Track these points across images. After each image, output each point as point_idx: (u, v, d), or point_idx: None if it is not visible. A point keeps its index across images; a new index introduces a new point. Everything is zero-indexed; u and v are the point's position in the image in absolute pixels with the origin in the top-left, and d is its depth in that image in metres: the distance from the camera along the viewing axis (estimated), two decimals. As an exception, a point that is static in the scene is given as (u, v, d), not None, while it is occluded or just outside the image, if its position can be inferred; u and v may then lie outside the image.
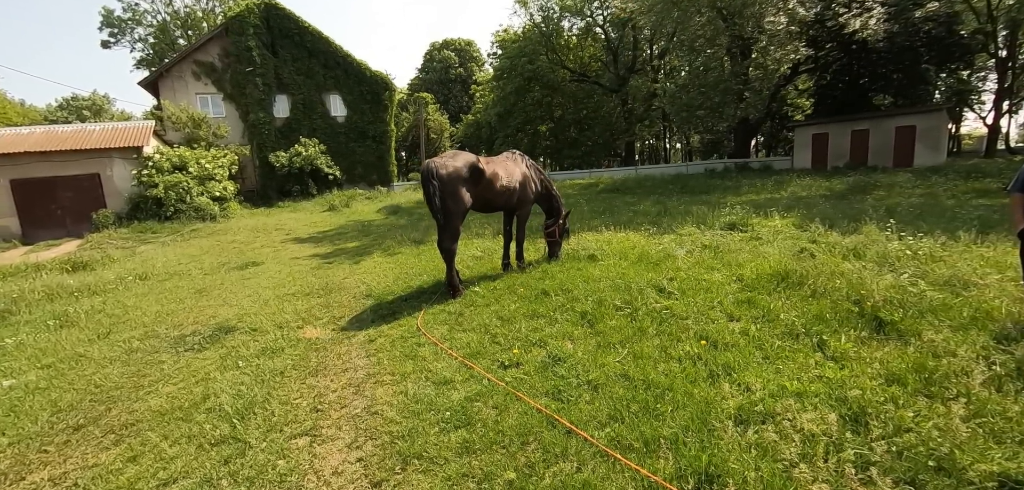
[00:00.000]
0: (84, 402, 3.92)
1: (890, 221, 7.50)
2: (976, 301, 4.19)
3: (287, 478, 2.74)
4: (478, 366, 3.82)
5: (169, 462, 2.95)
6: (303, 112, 25.81)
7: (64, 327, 5.96)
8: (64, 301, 7.12)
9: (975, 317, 3.87)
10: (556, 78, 33.99)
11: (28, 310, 6.68)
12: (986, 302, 4.13)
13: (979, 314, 3.90)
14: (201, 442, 3.13)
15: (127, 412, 3.68)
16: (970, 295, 4.40)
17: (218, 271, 9.23)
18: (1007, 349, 3.28)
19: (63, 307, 6.67)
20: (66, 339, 5.49)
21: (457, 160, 5.69)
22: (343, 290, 6.90)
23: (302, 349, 4.62)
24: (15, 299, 7.06)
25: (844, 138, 22.35)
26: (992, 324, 3.67)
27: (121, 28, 36.07)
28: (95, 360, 4.84)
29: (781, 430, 2.62)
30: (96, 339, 5.46)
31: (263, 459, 2.91)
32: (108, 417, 3.64)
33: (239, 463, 2.88)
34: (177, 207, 16.69)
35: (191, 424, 3.36)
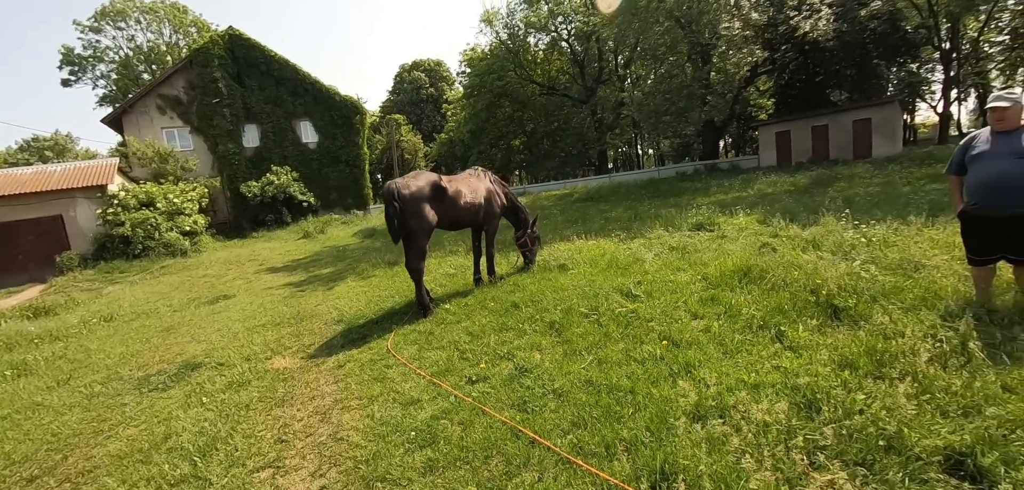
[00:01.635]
0: (39, 452, 3.79)
1: (846, 211, 7.81)
2: (925, 282, 4.37)
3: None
4: (446, 383, 3.83)
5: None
6: (274, 140, 25.55)
7: (22, 376, 5.76)
8: (23, 349, 6.87)
9: (924, 297, 4.03)
10: (525, 93, 34.43)
11: (-20, 362, 6.41)
12: (934, 282, 4.32)
13: (928, 294, 4.06)
14: (160, 483, 3.06)
15: (85, 459, 3.58)
16: (919, 277, 4.61)
17: (188, 307, 9.03)
18: (952, 326, 3.42)
19: (21, 356, 6.44)
20: (24, 388, 5.30)
21: (419, 180, 5.73)
22: (315, 317, 6.82)
23: (269, 380, 4.56)
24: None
25: (805, 134, 23.15)
26: (940, 303, 3.84)
27: (82, 66, 35.21)
28: (53, 408, 4.68)
29: (734, 423, 2.71)
30: (55, 386, 5.28)
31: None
32: (65, 466, 3.52)
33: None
34: (145, 244, 16.26)
35: (151, 466, 3.28)
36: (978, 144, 3.58)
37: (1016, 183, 3.32)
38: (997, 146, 3.45)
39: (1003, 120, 3.42)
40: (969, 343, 3.12)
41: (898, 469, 2.21)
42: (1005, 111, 3.40)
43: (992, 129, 3.54)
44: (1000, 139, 3.46)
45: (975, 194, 3.57)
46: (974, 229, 3.66)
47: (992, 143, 3.49)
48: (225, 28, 24.54)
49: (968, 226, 3.72)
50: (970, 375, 2.83)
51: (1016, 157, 3.33)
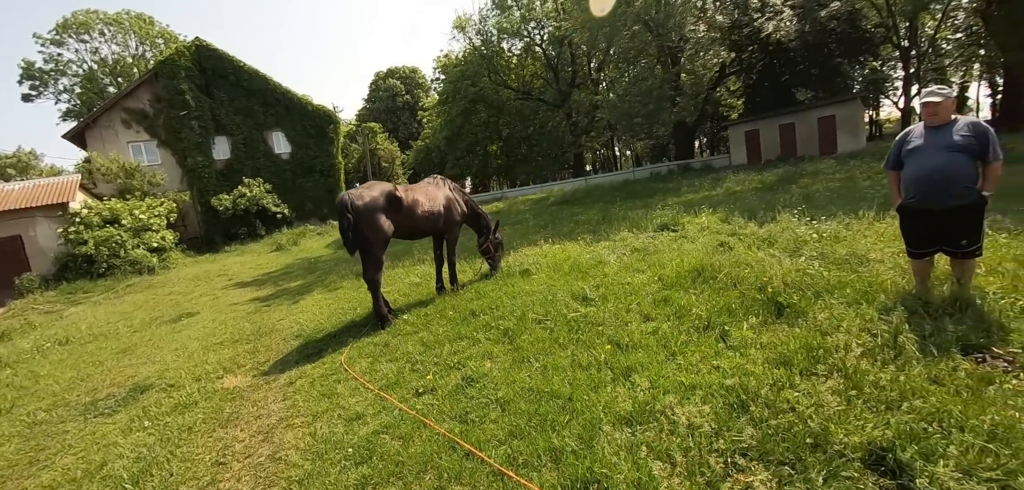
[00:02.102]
0: None
1: (802, 208, 8.01)
2: (867, 276, 4.48)
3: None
4: (393, 397, 3.81)
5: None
6: (245, 152, 25.11)
7: (-39, 407, 5.52)
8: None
9: (865, 292, 4.09)
10: (500, 98, 34.51)
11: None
12: (877, 276, 4.43)
13: (870, 288, 4.12)
14: None
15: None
16: (862, 271, 4.73)
17: (148, 327, 8.80)
18: (887, 320, 3.52)
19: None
20: (-42, 421, 5.08)
21: (373, 190, 5.70)
22: (275, 333, 6.72)
23: (217, 401, 4.47)
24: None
25: (773, 133, 23.70)
26: (879, 297, 3.92)
27: (43, 80, 34.08)
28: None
29: (664, 426, 2.74)
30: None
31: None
32: None
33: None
34: (110, 263, 15.80)
35: None
36: (912, 139, 3.65)
37: (949, 176, 3.38)
38: (930, 140, 3.51)
39: (936, 114, 3.50)
40: (900, 336, 3.21)
41: (821, 467, 2.24)
42: (937, 106, 3.48)
43: (926, 124, 3.61)
44: (933, 134, 3.52)
45: (911, 188, 3.63)
46: (911, 222, 3.74)
47: (925, 137, 3.55)
48: (192, 39, 24.06)
49: (906, 219, 3.79)
50: (898, 369, 2.90)
51: (948, 150, 3.40)
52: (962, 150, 3.36)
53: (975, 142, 3.36)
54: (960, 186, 3.37)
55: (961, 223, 3.45)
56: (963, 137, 3.38)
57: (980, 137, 3.36)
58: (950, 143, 3.40)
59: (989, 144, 3.34)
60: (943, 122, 3.50)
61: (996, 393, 2.55)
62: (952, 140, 3.40)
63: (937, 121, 3.52)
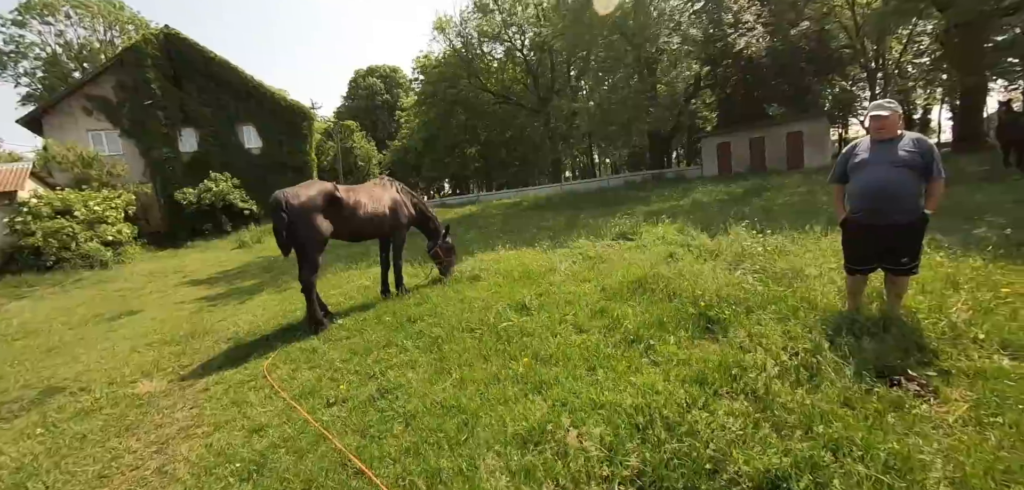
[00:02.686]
0: None
1: (756, 220, 8.08)
2: (802, 292, 4.47)
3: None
4: (302, 407, 3.64)
5: None
6: (214, 145, 24.44)
7: None
8: None
9: (797, 308, 4.06)
10: (480, 101, 34.41)
11: None
12: (812, 292, 4.42)
13: (803, 305, 4.10)
14: None
15: None
16: (797, 286, 4.71)
17: (85, 324, 8.41)
18: (811, 338, 3.47)
19: None
20: None
21: (311, 189, 5.52)
22: (210, 334, 6.46)
23: (123, 407, 4.23)
24: None
25: (744, 146, 24.12)
26: (812, 314, 3.88)
27: (2, 62, 32.66)
28: None
29: (556, 449, 2.62)
30: None
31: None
32: None
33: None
34: (60, 255, 15.14)
35: None
36: (859, 153, 3.59)
37: (894, 191, 3.34)
38: (876, 154, 3.45)
39: (883, 128, 3.45)
40: (819, 355, 3.18)
41: (712, 496, 2.17)
42: (884, 120, 3.44)
43: (872, 138, 3.57)
44: (880, 148, 3.46)
45: (857, 202, 3.58)
46: (854, 237, 3.68)
47: (872, 151, 3.49)
48: (161, 26, 23.36)
49: (849, 234, 3.74)
50: (811, 390, 2.85)
51: (894, 165, 3.35)
52: (908, 166, 3.33)
53: (920, 159, 3.32)
54: (906, 202, 3.35)
55: (903, 240, 3.42)
56: (909, 153, 3.35)
57: (925, 154, 3.33)
58: (896, 158, 3.35)
59: (933, 161, 3.31)
60: (890, 136, 3.45)
61: (902, 419, 2.52)
62: (898, 155, 3.36)
63: (884, 135, 3.47)
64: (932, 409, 2.62)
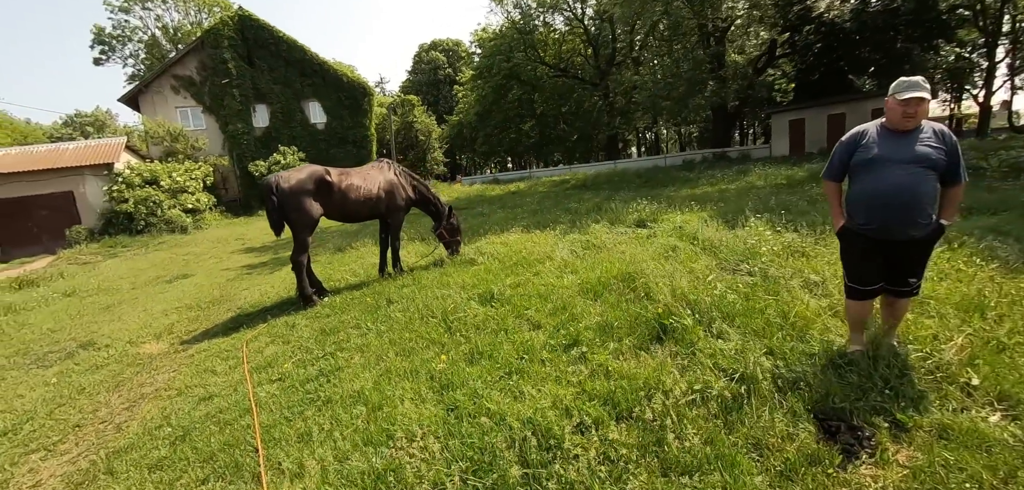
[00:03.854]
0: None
1: (783, 213, 7.38)
2: (785, 306, 4.01)
3: (-12, 494, 2.91)
4: (252, 381, 3.94)
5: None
6: (282, 121, 26.30)
7: (-51, 347, 6.27)
8: (-29, 321, 7.46)
9: (769, 325, 3.63)
10: (536, 75, 33.85)
11: (-70, 331, 7.03)
12: (801, 308, 3.91)
13: (784, 322, 3.63)
14: None
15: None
16: (784, 297, 4.24)
17: (146, 285, 9.56)
18: (757, 362, 3.12)
19: (-39, 327, 7.01)
20: (-62, 359, 5.78)
21: (301, 173, 5.81)
22: (228, 302, 7.10)
23: (125, 365, 4.82)
24: (-73, 320, 7.42)
25: (820, 123, 21.82)
26: (786, 334, 3.43)
27: (111, 45, 37.20)
28: (-52, 379, 5.09)
29: (412, 465, 2.52)
30: (-34, 359, 5.73)
31: (-15, 476, 3.08)
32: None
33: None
34: (148, 221, 17.20)
35: None
36: (868, 144, 2.83)
37: (914, 199, 2.67)
38: (892, 149, 2.73)
39: (914, 117, 2.70)
40: (753, 384, 2.85)
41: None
42: (919, 105, 2.66)
43: (885, 127, 2.84)
44: (896, 142, 2.74)
45: (865, 210, 2.84)
46: (859, 253, 2.96)
47: (885, 145, 2.76)
48: (236, 8, 25.23)
49: (851, 248, 3.01)
50: (725, 426, 2.55)
51: (916, 165, 2.66)
52: (931, 166, 2.66)
53: (945, 158, 2.68)
54: (925, 213, 2.70)
55: (914, 257, 2.83)
56: (933, 149, 2.67)
57: (950, 151, 2.69)
58: (917, 155, 2.67)
59: (959, 161, 2.70)
60: (913, 127, 2.75)
61: (815, 478, 2.18)
62: (920, 152, 2.67)
63: (910, 124, 2.73)
64: (858, 471, 2.23)
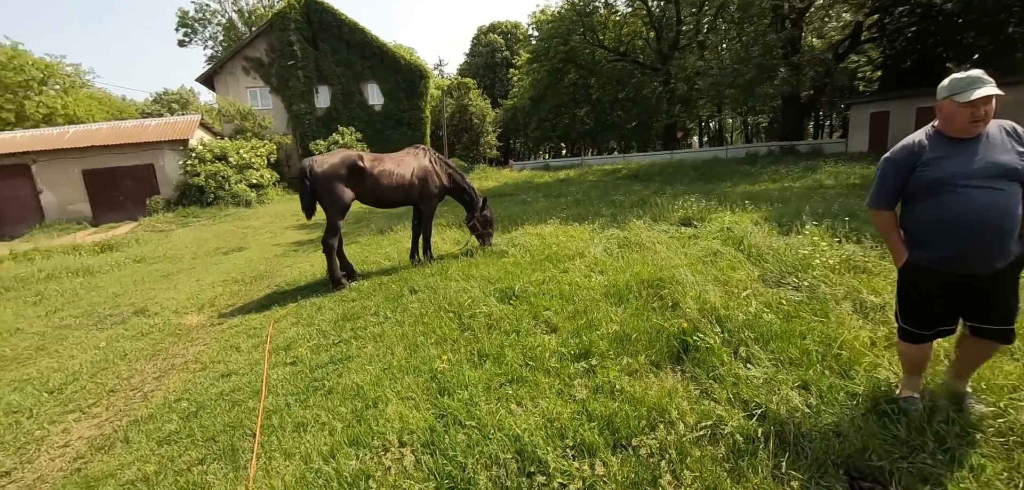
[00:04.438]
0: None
1: (848, 219, 6.64)
2: (832, 331, 3.44)
3: (26, 446, 3.17)
4: (268, 362, 4.04)
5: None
6: (342, 102, 27.27)
7: (34, 304, 7.00)
8: (55, 281, 8.29)
9: (808, 353, 3.17)
10: (593, 58, 32.83)
11: (21, 287, 7.88)
12: (845, 334, 3.35)
13: (824, 350, 3.19)
14: (6, 406, 3.73)
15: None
16: (829, 322, 3.72)
17: (205, 256, 10.23)
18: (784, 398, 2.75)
19: (44, 287, 7.80)
20: (22, 315, 6.47)
21: (334, 158, 5.89)
22: (269, 278, 7.42)
23: (166, 334, 5.13)
24: (21, 278, 8.34)
25: (908, 117, 19.57)
26: (824, 367, 3.01)
27: (193, 28, 40.12)
28: (26, 332, 5.72)
29: (383, 477, 2.40)
30: (43, 315, 6.39)
31: (26, 429, 3.37)
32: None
33: (15, 432, 3.37)
34: (217, 194, 18.47)
35: (7, 393, 3.93)
36: (931, 161, 2.25)
37: (1002, 225, 2.15)
38: (963, 164, 2.18)
39: (984, 118, 2.19)
40: (776, 424, 2.50)
41: None
42: (990, 103, 2.17)
43: (942, 135, 2.30)
44: (964, 152, 2.20)
45: (937, 242, 2.28)
46: (924, 291, 2.40)
47: (953, 160, 2.21)
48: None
49: (917, 286, 2.42)
50: (731, 470, 2.24)
51: (1001, 181, 2.14)
52: (1017, 178, 2.15)
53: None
54: (1015, 237, 2.20)
55: (1003, 291, 2.29)
56: (1018, 155, 2.16)
57: None
58: (1001, 167, 2.14)
59: None
60: (981, 132, 2.22)
61: None
62: (1002, 163, 2.14)
63: (980, 129, 2.21)
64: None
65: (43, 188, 17.72)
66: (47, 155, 17.53)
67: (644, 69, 32.48)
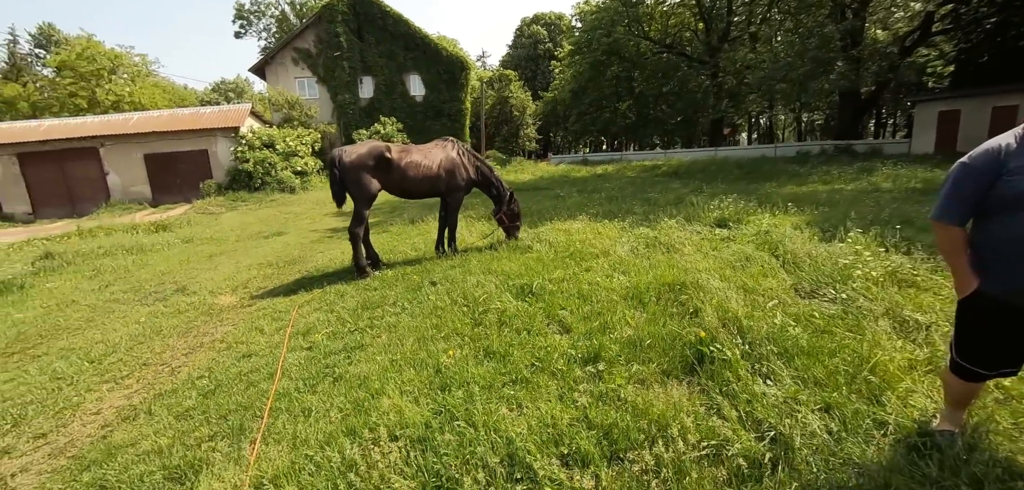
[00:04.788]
0: (36, 334, 5.09)
1: (899, 227, 6.13)
2: (865, 351, 3.15)
3: (63, 411, 3.41)
4: (286, 345, 4.17)
5: (8, 381, 3.83)
6: (385, 93, 27.86)
7: (90, 278, 7.55)
8: (111, 258, 8.92)
9: (835, 373, 2.93)
10: (638, 50, 31.94)
11: (81, 261, 8.52)
12: (880, 354, 3.06)
13: (853, 371, 2.93)
14: (50, 373, 3.99)
15: (47, 342, 4.74)
16: (864, 340, 3.43)
17: (247, 239, 10.73)
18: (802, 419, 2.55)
19: (101, 262, 8.40)
20: (79, 287, 6.99)
21: (362, 149, 6.00)
22: (301, 263, 7.68)
23: (200, 313, 5.40)
24: (83, 253, 9.02)
25: (982, 116, 17.94)
26: (849, 388, 2.79)
27: (248, 20, 42.09)
28: (79, 304, 6.17)
29: (367, 473, 2.37)
30: (97, 289, 6.88)
31: (65, 396, 3.63)
32: (36, 346, 4.74)
33: (57, 397, 3.63)
34: (264, 179, 19.34)
35: (55, 361, 4.25)
36: (1017, 167, 1.89)
37: None
38: None
39: None
40: (790, 452, 2.32)
41: None
42: None
43: None
44: None
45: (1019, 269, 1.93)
46: (998, 326, 2.04)
47: None
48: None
49: (983, 319, 2.08)
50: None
51: None
52: None
53: None
54: None
55: None
56: None
57: None
58: None
59: None
60: None
61: None
62: None
63: None
64: None
65: (109, 170, 19.14)
66: (113, 140, 18.91)
67: (691, 62, 31.36)
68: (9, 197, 18.99)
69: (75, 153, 18.78)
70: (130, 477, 2.58)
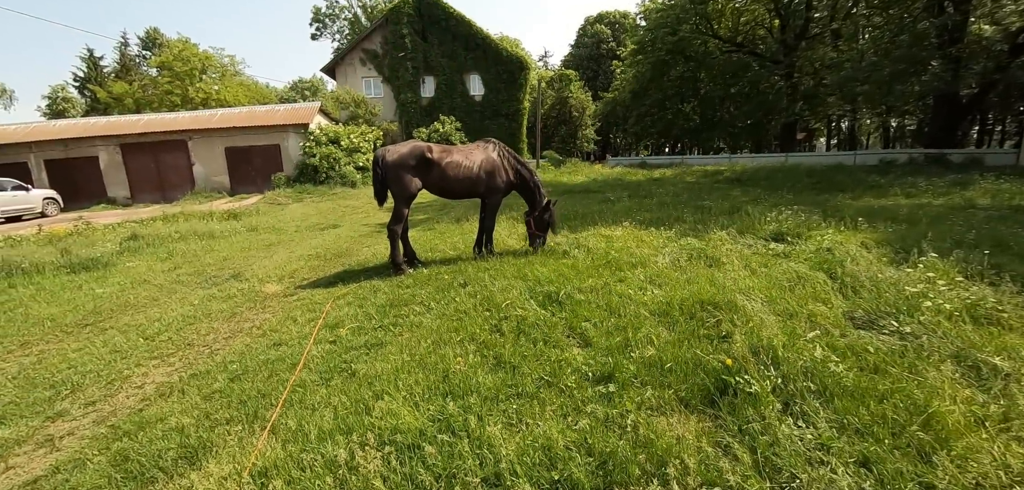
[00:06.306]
0: (109, 308, 5.66)
1: (986, 251, 5.36)
2: (924, 398, 2.73)
3: (113, 382, 3.76)
4: (313, 337, 4.34)
5: (77, 351, 4.26)
6: (445, 92, 28.54)
7: (163, 260, 8.30)
8: (185, 242, 9.75)
9: (882, 421, 2.59)
10: (705, 49, 30.41)
11: (159, 244, 9.39)
12: (940, 404, 2.66)
13: (905, 420, 2.58)
14: (112, 346, 4.43)
15: (116, 316, 5.27)
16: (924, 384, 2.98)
17: (305, 230, 11.36)
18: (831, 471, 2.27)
19: (174, 246, 9.21)
20: (152, 268, 7.71)
21: (404, 148, 6.13)
22: (346, 256, 8.00)
23: (246, 300, 5.75)
24: (161, 236, 9.93)
25: (1116, 125, 15.36)
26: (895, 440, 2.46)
27: (324, 23, 44.70)
28: (149, 283, 6.79)
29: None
30: (166, 271, 7.55)
31: (118, 368, 3.99)
32: (107, 320, 5.27)
33: (110, 368, 4.00)
34: (328, 174, 20.45)
35: (116, 335, 4.69)
36: None
37: None
38: None
39: None
40: None
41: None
42: None
43: None
44: None
45: None
46: None
47: None
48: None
49: None
50: None
51: None
52: None
53: None
54: None
55: None
56: None
57: None
58: None
59: None
60: None
61: None
62: None
63: None
64: None
65: (195, 161, 21.07)
66: (199, 133, 20.79)
67: (763, 61, 29.46)
68: (112, 183, 21.44)
69: (167, 145, 20.87)
70: (149, 452, 2.77)
